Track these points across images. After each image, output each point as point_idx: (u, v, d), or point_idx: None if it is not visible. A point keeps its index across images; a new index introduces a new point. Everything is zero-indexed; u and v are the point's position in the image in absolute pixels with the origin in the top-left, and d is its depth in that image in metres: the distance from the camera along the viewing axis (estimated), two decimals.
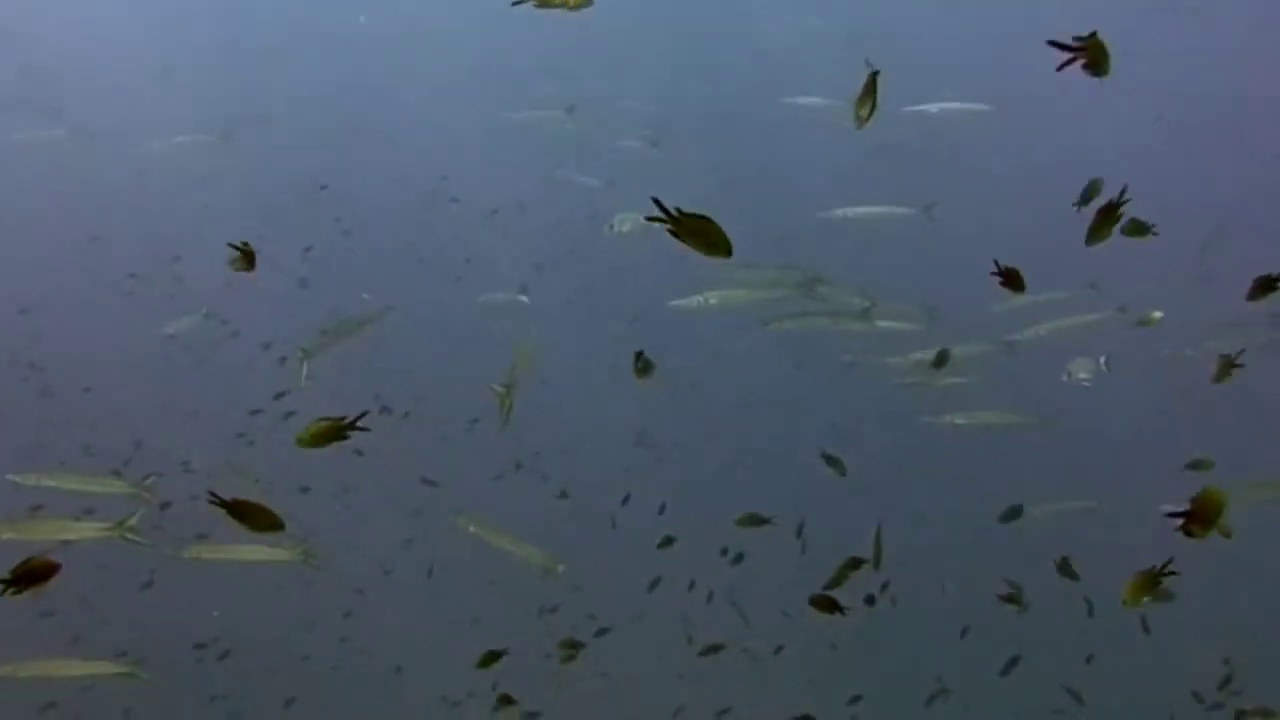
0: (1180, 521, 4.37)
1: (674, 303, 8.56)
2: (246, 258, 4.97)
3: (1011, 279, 5.47)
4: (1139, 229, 5.89)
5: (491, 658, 7.15)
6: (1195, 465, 7.69)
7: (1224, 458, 7.67)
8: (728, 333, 12.99)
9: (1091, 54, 4.54)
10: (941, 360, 9.33)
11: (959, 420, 10.23)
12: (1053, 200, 16.96)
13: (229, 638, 11.15)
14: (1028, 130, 15.76)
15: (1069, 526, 10.39)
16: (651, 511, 11.33)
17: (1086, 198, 6.20)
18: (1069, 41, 4.37)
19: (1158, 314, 9.63)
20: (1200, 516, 4.36)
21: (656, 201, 3.41)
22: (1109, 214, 5.24)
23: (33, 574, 4.17)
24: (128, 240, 14.22)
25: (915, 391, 10.57)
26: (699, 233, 3.67)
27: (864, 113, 4.77)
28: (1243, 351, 9.67)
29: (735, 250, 3.73)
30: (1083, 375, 9.25)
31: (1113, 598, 5.15)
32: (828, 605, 6.07)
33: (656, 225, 3.36)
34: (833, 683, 11.00)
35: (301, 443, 4.49)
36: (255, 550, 9.41)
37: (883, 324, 10.13)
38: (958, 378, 10.42)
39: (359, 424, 4.38)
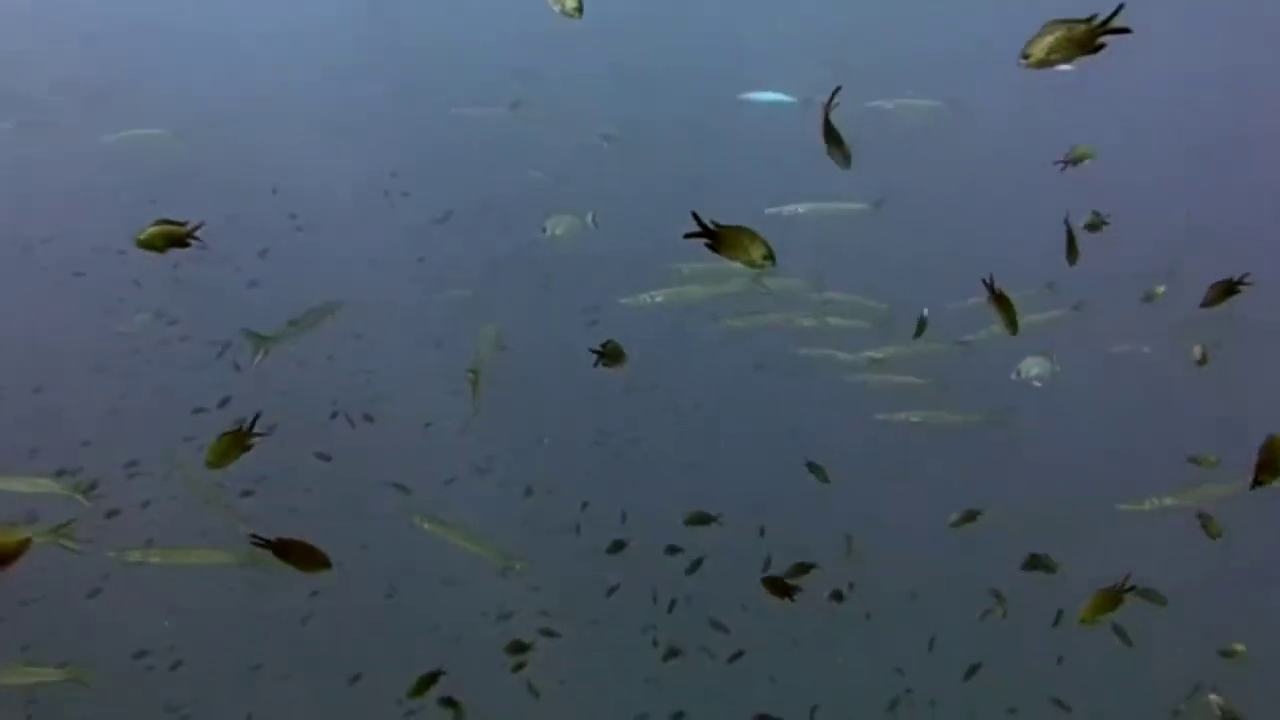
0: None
1: (623, 300, 8.44)
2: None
3: (1001, 301, 5.31)
4: (1096, 224, 5.90)
5: (426, 683, 7.32)
6: (1195, 460, 7.72)
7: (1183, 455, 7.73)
8: (684, 334, 12.94)
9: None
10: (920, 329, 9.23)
11: (913, 418, 10.14)
12: (1011, 197, 17.36)
13: (181, 646, 10.96)
14: (985, 129, 15.92)
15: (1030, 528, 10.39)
16: (610, 512, 11.28)
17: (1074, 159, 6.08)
18: None
19: (1161, 288, 9.57)
20: (1270, 465, 4.34)
21: (695, 217, 3.31)
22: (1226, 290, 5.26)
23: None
24: (76, 237, 13.92)
25: (870, 389, 10.58)
26: (737, 244, 3.69)
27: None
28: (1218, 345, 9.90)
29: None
30: (1034, 374, 9.18)
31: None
32: (781, 589, 5.98)
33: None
34: (794, 685, 10.99)
35: (211, 464, 4.51)
36: (203, 554, 9.23)
37: (836, 322, 10.13)
38: (914, 377, 10.44)
39: (257, 430, 4.43)
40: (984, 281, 5.20)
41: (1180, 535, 8.01)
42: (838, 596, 8.70)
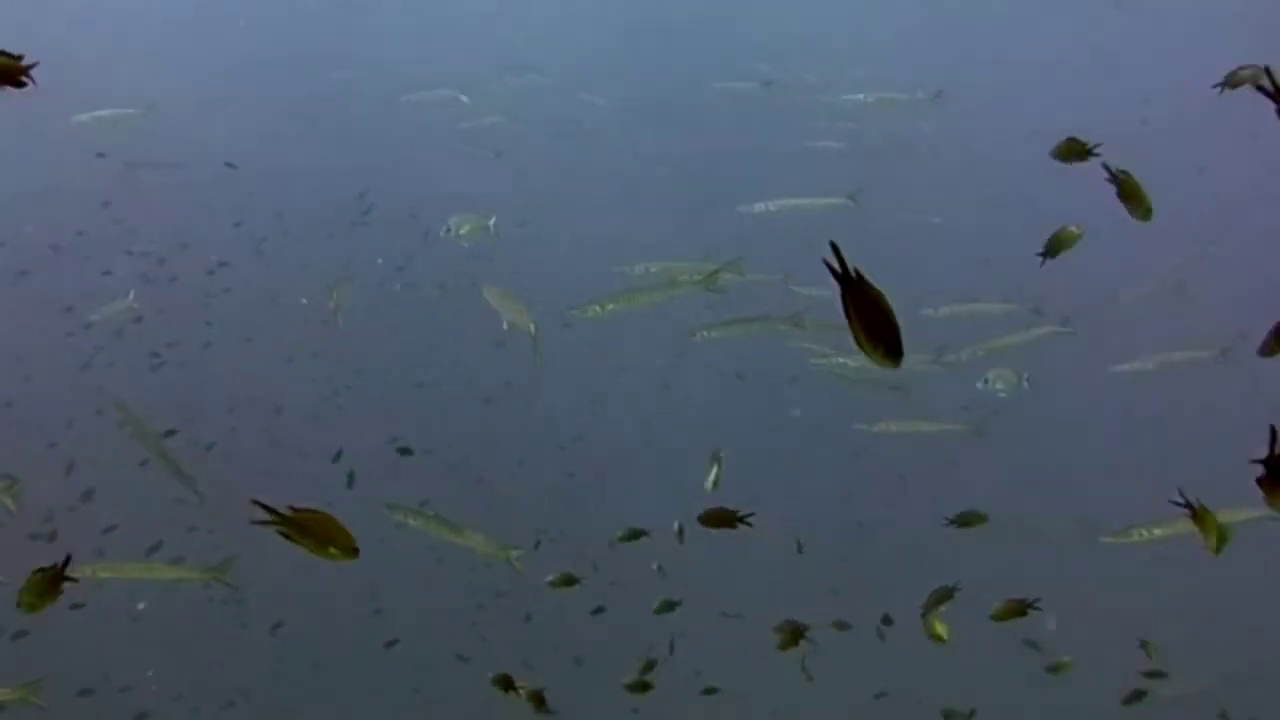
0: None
1: (571, 310, 8.00)
2: None
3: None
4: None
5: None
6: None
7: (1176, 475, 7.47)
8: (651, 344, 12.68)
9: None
10: None
11: (892, 428, 9.93)
12: (995, 196, 17.06)
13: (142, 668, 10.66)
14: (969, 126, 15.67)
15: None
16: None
17: (1051, 251, 5.74)
18: None
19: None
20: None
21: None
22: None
23: None
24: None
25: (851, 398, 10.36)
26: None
27: None
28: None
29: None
30: (999, 386, 9.09)
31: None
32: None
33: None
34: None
35: (26, 607, 4.34)
36: (161, 569, 8.90)
37: (810, 337, 9.76)
38: (895, 387, 10.22)
39: None
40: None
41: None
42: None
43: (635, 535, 7.81)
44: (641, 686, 8.14)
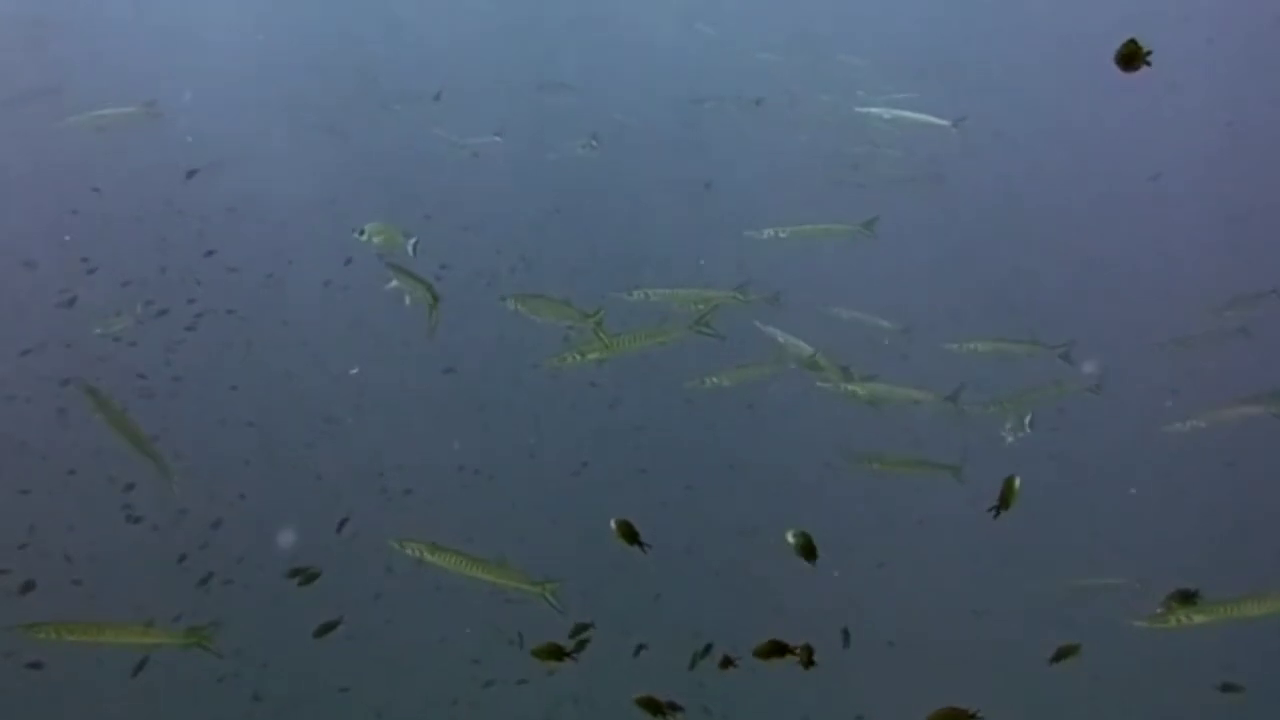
0: None
1: (549, 362, 7.40)
2: None
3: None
4: None
5: None
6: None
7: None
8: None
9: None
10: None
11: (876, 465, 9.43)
12: (1022, 229, 16.67)
13: None
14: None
15: None
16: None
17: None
18: None
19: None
20: None
21: None
22: None
23: None
24: None
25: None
26: None
27: None
28: None
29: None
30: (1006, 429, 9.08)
31: None
32: None
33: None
34: None
35: None
36: (135, 632, 8.34)
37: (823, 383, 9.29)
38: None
39: None
40: None
41: None
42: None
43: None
44: None
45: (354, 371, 13.41)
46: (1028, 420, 9.39)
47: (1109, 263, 16.43)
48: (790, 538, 5.83)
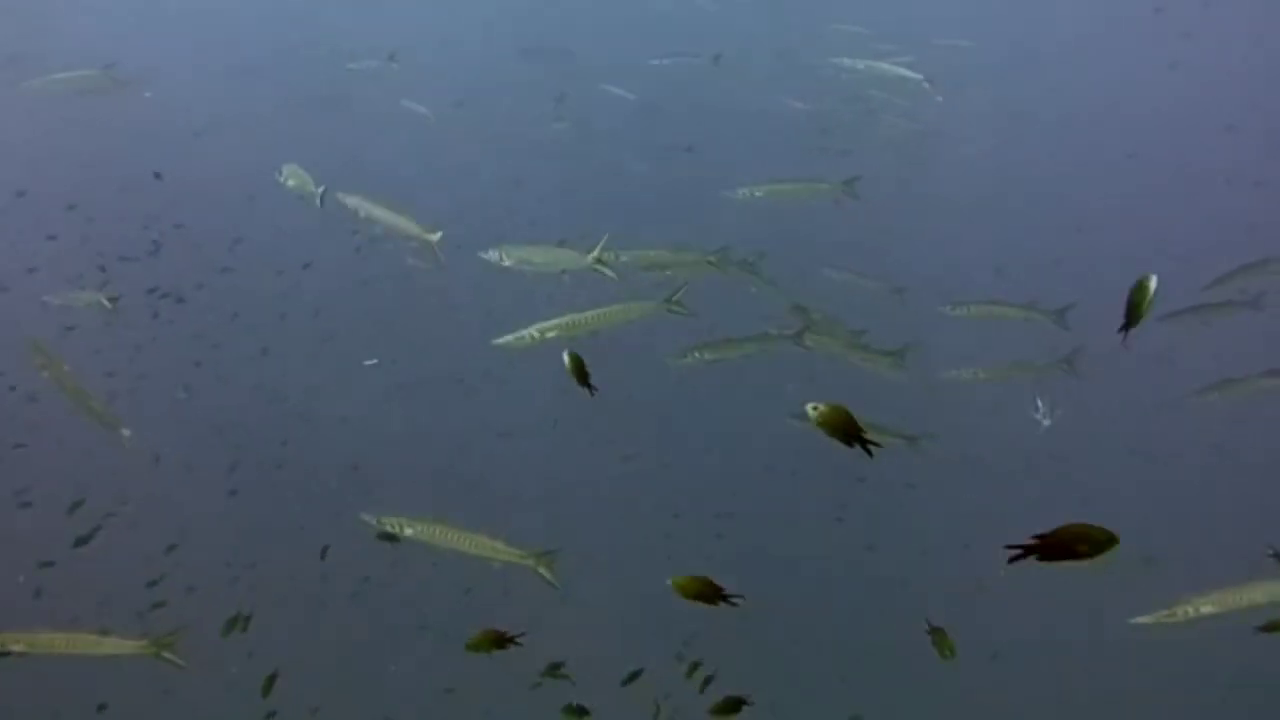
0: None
1: (497, 341, 6.91)
2: None
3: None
4: None
5: None
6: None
7: None
8: None
9: None
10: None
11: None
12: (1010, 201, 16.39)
13: None
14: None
15: None
16: None
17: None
18: None
19: None
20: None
21: None
22: None
23: None
24: None
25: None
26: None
27: None
28: None
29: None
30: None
31: None
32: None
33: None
34: None
35: None
36: (92, 642, 7.90)
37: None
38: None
39: None
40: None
41: None
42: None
43: None
44: None
45: (371, 362, 12.88)
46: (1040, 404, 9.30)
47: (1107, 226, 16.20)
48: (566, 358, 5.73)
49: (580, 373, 5.83)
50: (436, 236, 7.83)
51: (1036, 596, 10.14)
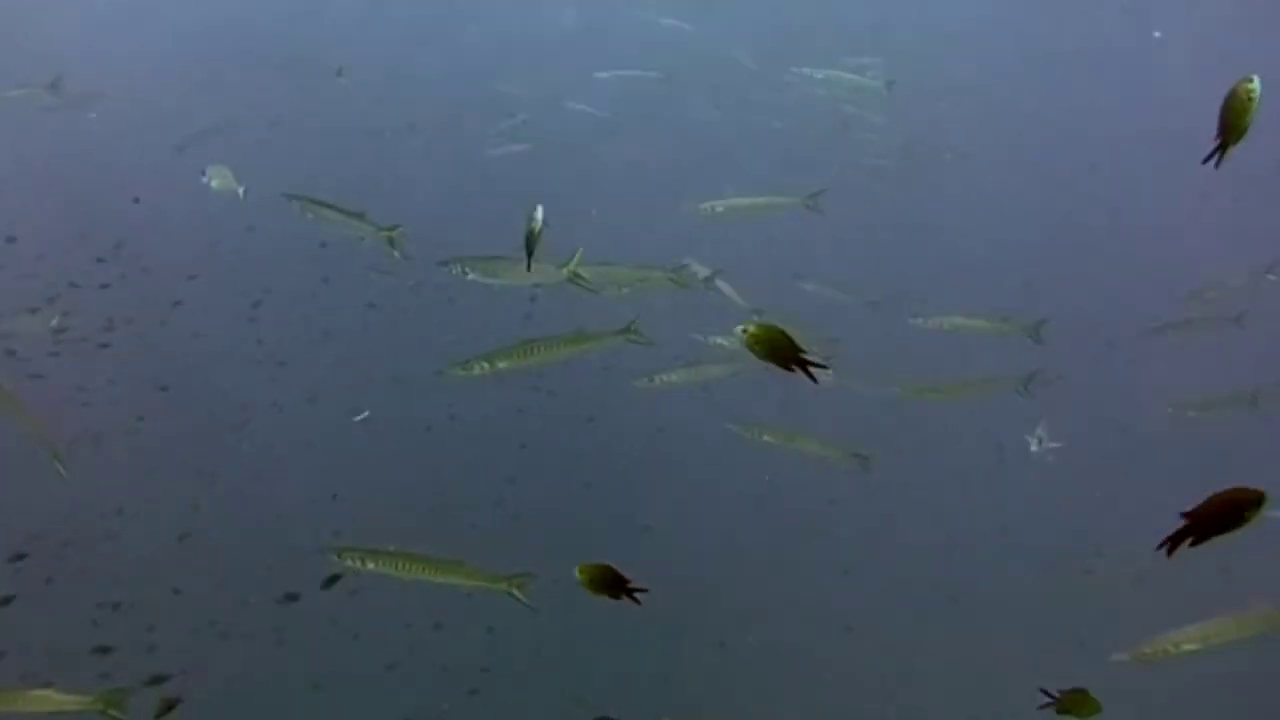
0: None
1: (445, 371, 6.60)
2: None
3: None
4: None
5: None
6: None
7: None
8: None
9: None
10: None
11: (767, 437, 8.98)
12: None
13: None
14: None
15: None
16: None
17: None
18: None
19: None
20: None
21: None
22: None
23: None
24: None
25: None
26: None
27: None
28: None
29: None
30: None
31: None
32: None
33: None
34: None
35: None
36: (34, 700, 7.51)
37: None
38: None
39: None
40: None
41: None
42: None
43: None
44: None
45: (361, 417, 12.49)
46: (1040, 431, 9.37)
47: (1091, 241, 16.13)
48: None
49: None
50: (395, 233, 7.54)
51: None
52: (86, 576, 10.38)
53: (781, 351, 4.09)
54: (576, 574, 4.91)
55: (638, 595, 4.88)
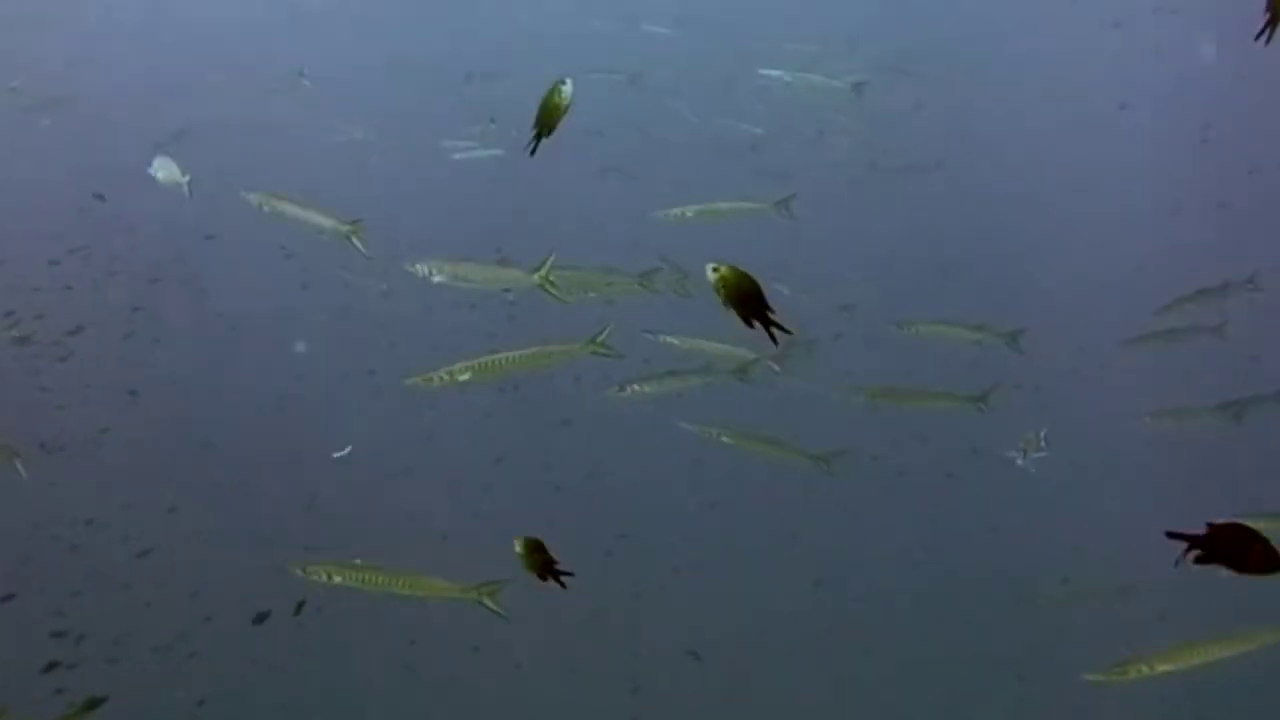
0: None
1: (409, 381, 6.47)
2: None
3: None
4: None
5: None
6: None
7: None
8: None
9: None
10: None
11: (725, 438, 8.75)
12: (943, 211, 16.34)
13: None
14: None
15: None
16: None
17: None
18: None
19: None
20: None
21: None
22: None
23: None
24: None
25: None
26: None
27: None
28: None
29: None
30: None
31: None
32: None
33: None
34: None
35: None
36: None
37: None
38: None
39: None
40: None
41: None
42: None
43: None
44: None
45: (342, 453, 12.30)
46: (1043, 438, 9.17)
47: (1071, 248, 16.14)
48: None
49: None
50: (355, 227, 7.24)
51: None
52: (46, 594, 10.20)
53: (749, 302, 3.91)
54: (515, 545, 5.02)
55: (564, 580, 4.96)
